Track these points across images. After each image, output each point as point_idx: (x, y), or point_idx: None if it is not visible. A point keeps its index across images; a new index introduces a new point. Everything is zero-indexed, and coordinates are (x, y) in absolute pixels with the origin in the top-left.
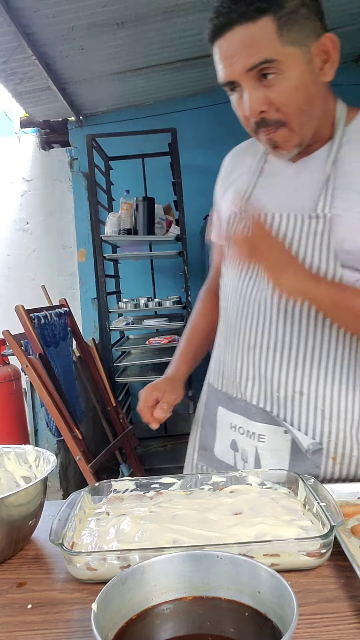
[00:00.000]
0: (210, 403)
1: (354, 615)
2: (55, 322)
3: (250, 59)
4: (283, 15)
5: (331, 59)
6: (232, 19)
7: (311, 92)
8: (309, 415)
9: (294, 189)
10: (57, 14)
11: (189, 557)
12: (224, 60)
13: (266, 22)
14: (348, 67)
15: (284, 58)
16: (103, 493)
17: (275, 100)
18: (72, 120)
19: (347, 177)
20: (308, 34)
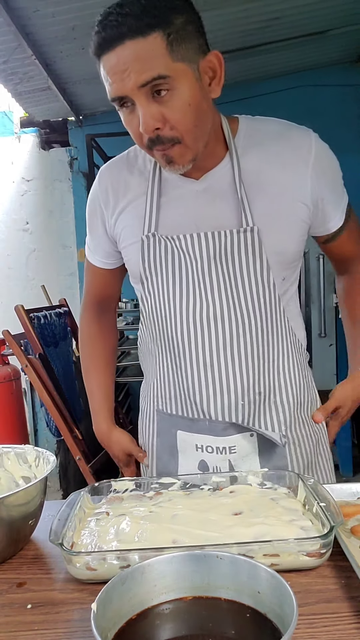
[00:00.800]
0: (165, 430)
1: (354, 615)
2: (55, 322)
3: (143, 74)
4: (172, 32)
5: (217, 75)
6: (123, 33)
7: (203, 107)
8: (271, 412)
9: (207, 204)
10: (57, 13)
11: (188, 557)
12: (113, 75)
13: (156, 37)
14: (348, 68)
15: (175, 74)
16: (103, 493)
17: (170, 117)
18: (71, 120)
19: (257, 187)
20: (195, 51)
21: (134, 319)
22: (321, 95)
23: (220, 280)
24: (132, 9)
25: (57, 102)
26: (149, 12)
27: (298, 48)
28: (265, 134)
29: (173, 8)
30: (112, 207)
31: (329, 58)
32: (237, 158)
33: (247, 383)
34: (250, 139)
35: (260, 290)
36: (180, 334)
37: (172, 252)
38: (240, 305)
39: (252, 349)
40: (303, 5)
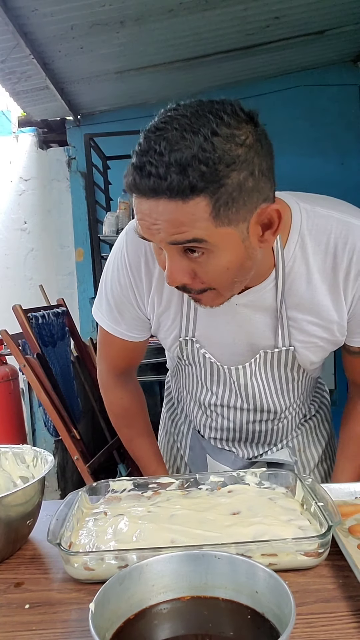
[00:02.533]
0: (198, 448)
1: (352, 614)
2: (53, 322)
3: (175, 236)
4: (222, 196)
5: (273, 227)
6: (158, 190)
7: (246, 266)
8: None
9: (245, 320)
10: (55, 13)
11: (186, 557)
12: (142, 222)
13: (199, 202)
14: (346, 68)
15: (216, 240)
16: (101, 493)
17: (201, 276)
18: (69, 120)
19: (298, 308)
20: (251, 207)
21: None
22: (321, 95)
23: (257, 386)
24: (177, 158)
25: (55, 101)
26: (197, 169)
27: (298, 48)
28: (319, 245)
29: (231, 162)
30: (146, 298)
31: (328, 58)
32: (284, 277)
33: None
34: (300, 251)
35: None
36: (212, 403)
37: (210, 361)
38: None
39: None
40: (303, 5)
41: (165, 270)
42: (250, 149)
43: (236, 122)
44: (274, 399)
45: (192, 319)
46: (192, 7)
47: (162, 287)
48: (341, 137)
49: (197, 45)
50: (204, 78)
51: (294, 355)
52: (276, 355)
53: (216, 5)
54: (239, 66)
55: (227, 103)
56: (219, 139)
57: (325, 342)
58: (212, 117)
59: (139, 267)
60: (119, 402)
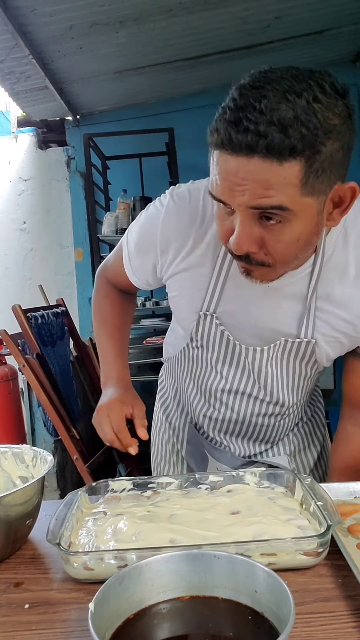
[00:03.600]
0: (195, 442)
1: (351, 614)
2: (52, 322)
3: (260, 199)
4: (315, 162)
5: (344, 206)
6: (255, 147)
7: (312, 241)
8: (282, 445)
9: (272, 305)
10: (54, 13)
11: (186, 557)
12: (226, 181)
13: (294, 165)
14: (345, 68)
15: (298, 209)
16: (100, 493)
17: (270, 246)
18: (69, 120)
19: (328, 301)
20: (332, 181)
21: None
22: None
23: (263, 372)
24: (280, 117)
25: (54, 101)
26: (298, 131)
27: (298, 48)
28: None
29: (330, 131)
30: (169, 260)
31: (328, 58)
32: (321, 265)
33: (269, 436)
34: (342, 241)
35: (300, 382)
36: (219, 393)
37: (227, 339)
38: (274, 395)
39: (278, 415)
40: (303, 5)
41: (234, 236)
42: (345, 121)
43: (334, 93)
44: (285, 391)
45: (218, 294)
46: (191, 7)
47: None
48: None
49: (197, 45)
50: (203, 78)
51: (313, 348)
52: (296, 346)
53: (216, 5)
54: (238, 66)
55: (326, 74)
56: (320, 105)
57: (347, 339)
58: (314, 84)
59: (167, 241)
60: (109, 288)
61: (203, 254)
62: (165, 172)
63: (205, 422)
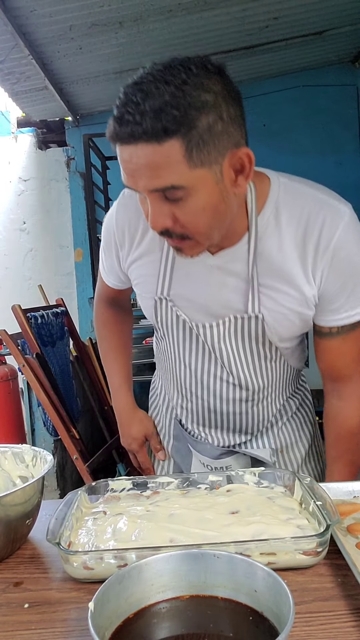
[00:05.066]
0: (180, 437)
1: (350, 613)
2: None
3: (154, 181)
4: (194, 137)
5: (245, 171)
6: (136, 134)
7: (220, 209)
8: (263, 436)
9: (219, 282)
10: (54, 13)
11: (185, 556)
12: (125, 170)
13: (173, 144)
14: (344, 68)
15: (191, 183)
16: (100, 492)
17: (181, 219)
18: (68, 120)
19: (269, 275)
20: (222, 149)
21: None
22: (320, 95)
23: (224, 352)
24: (151, 105)
25: (54, 102)
26: (169, 113)
27: (297, 48)
28: (292, 216)
29: (201, 106)
30: (126, 251)
31: (327, 58)
32: (256, 241)
33: (245, 423)
34: (274, 219)
35: (263, 358)
36: (188, 380)
37: (183, 323)
38: (242, 371)
39: (253, 400)
40: (302, 5)
41: (148, 216)
42: (217, 95)
43: (204, 72)
44: (247, 372)
45: (169, 277)
46: (190, 7)
47: (145, 241)
48: (339, 137)
49: (196, 46)
50: None
51: (263, 325)
52: (246, 322)
53: (215, 5)
54: (237, 66)
55: (196, 57)
56: (189, 87)
57: (295, 316)
58: (182, 69)
59: (122, 231)
60: (100, 315)
61: (152, 240)
62: None
63: (184, 415)
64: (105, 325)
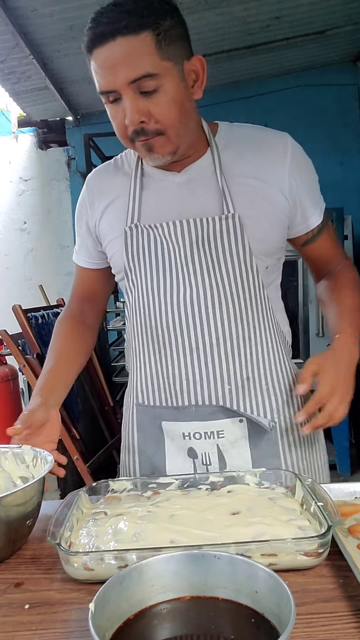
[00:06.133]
0: (148, 423)
1: (352, 614)
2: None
3: (133, 71)
4: (161, 32)
5: (200, 78)
6: (115, 30)
7: (186, 106)
8: (258, 397)
9: (189, 194)
10: (54, 13)
11: (186, 557)
12: (104, 69)
13: (146, 36)
14: (346, 68)
15: (163, 72)
16: (100, 493)
17: (155, 112)
18: (69, 120)
19: (237, 178)
20: (181, 52)
21: None
22: (321, 95)
23: (203, 264)
24: (126, 8)
25: (54, 101)
26: (141, 13)
27: (298, 48)
28: (243, 135)
29: (163, 12)
30: (96, 207)
31: (328, 58)
32: (218, 152)
33: (232, 367)
34: (229, 138)
35: (244, 275)
36: (165, 320)
37: (154, 240)
38: (224, 289)
39: (237, 332)
40: (303, 5)
41: (127, 115)
42: (174, 9)
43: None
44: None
45: (137, 207)
46: (192, 7)
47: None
48: (340, 137)
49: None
50: None
51: (240, 225)
52: (223, 223)
53: (216, 5)
54: (239, 66)
55: None
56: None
57: (270, 210)
58: None
59: (91, 191)
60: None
61: (119, 185)
62: None
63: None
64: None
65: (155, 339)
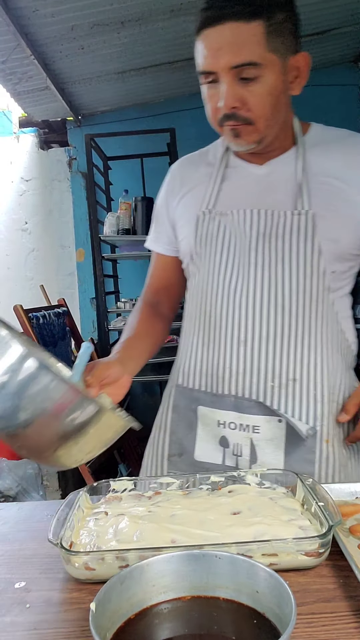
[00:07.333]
0: (184, 405)
1: (352, 614)
2: (53, 322)
3: (237, 57)
4: (272, 24)
5: (301, 75)
6: (227, 14)
7: (281, 100)
8: (302, 401)
9: (267, 187)
10: (56, 13)
11: (187, 557)
12: (209, 51)
13: (258, 25)
14: (347, 68)
15: (266, 63)
16: (101, 493)
17: (249, 101)
18: (70, 120)
19: (318, 179)
20: (288, 47)
21: None
22: (322, 95)
23: (266, 257)
24: None
25: (55, 102)
26: (256, 2)
27: None
28: (335, 136)
29: (278, 4)
30: (176, 193)
31: (329, 58)
32: (304, 151)
33: (279, 365)
34: (319, 138)
35: (308, 274)
36: (220, 307)
37: (224, 227)
38: (283, 285)
39: (290, 331)
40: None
41: (221, 98)
42: (290, 4)
43: None
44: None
45: (216, 193)
46: (192, 7)
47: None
48: None
49: None
50: None
51: (313, 224)
52: (296, 219)
53: None
54: None
55: None
56: None
57: (347, 213)
58: None
59: (174, 179)
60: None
61: (202, 174)
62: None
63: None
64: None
65: (207, 324)
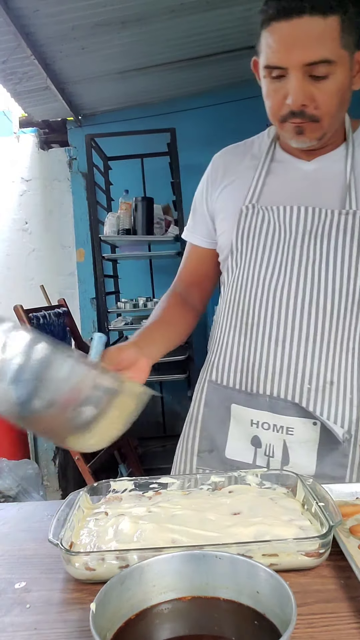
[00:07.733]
0: (217, 402)
1: (353, 615)
2: (54, 322)
3: (312, 54)
4: (347, 19)
5: None
6: (304, 7)
7: (346, 97)
8: (339, 405)
9: (314, 184)
10: (56, 13)
11: (187, 557)
12: (280, 45)
13: (334, 20)
14: None
15: (339, 60)
16: (102, 493)
17: (319, 98)
18: (71, 120)
19: None
20: (355, 42)
21: (133, 319)
22: None
23: (311, 256)
24: None
25: (56, 102)
26: None
27: None
28: None
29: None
30: (218, 184)
31: None
32: (353, 148)
33: (317, 367)
34: None
35: (352, 275)
36: (258, 304)
37: (268, 223)
38: (325, 285)
39: (329, 333)
40: None
41: (290, 94)
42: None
43: None
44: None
45: (260, 187)
46: (193, 7)
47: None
48: None
49: (199, 46)
50: (206, 78)
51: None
52: (343, 219)
53: (218, 5)
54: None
55: None
56: None
57: None
58: None
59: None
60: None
61: (246, 166)
62: (167, 172)
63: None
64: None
65: (244, 321)
